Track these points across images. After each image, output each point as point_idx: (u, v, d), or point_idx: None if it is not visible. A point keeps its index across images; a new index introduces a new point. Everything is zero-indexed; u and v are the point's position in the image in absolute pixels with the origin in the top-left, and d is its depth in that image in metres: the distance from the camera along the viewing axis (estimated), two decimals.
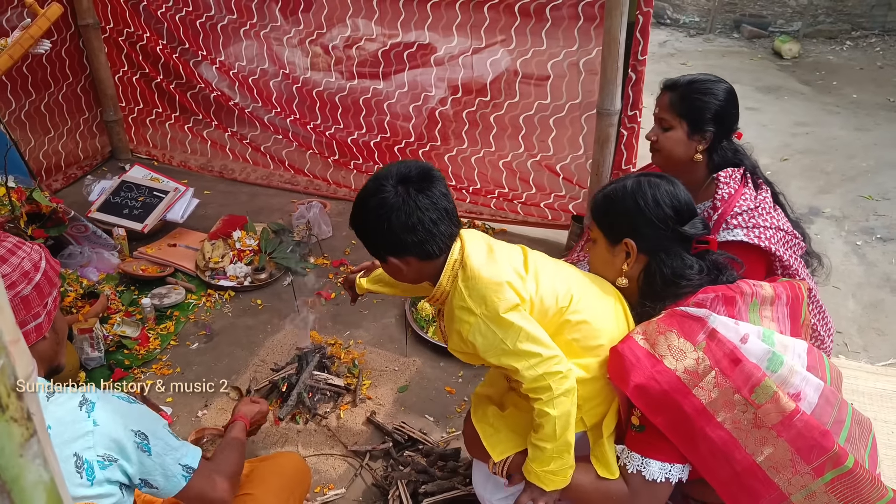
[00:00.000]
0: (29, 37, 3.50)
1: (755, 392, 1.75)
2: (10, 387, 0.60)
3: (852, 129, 6.19)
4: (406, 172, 1.89)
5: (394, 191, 1.86)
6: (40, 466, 0.63)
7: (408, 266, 1.94)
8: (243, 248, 4.06)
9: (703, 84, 2.62)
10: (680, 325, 1.83)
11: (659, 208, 1.97)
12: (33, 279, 1.72)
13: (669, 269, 1.95)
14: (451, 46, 4.17)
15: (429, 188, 1.88)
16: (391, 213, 1.85)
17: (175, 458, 1.78)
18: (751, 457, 1.75)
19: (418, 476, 2.71)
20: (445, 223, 1.90)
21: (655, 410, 1.79)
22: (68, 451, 1.58)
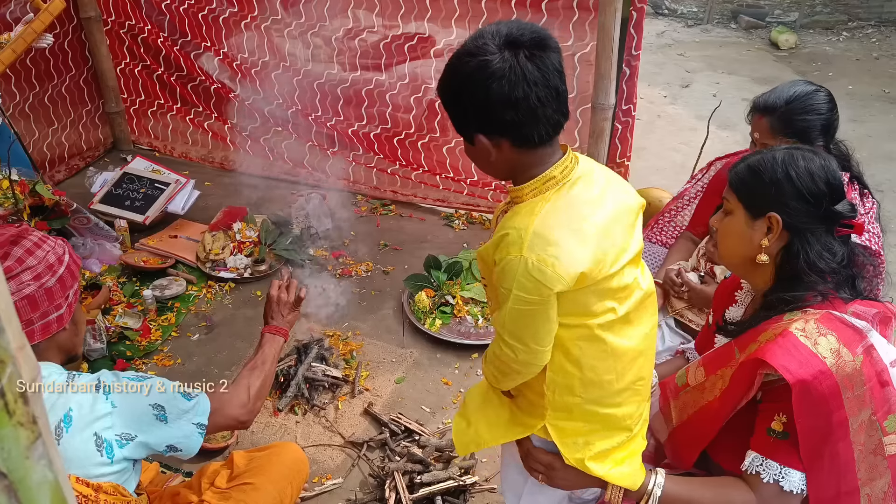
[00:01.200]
0: (32, 31, 3.55)
1: (888, 419, 1.66)
2: (16, 393, 0.64)
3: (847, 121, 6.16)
4: (517, 34, 1.53)
5: (499, 54, 1.51)
6: (45, 467, 0.68)
7: (499, 151, 1.61)
8: (243, 240, 4.10)
9: (803, 102, 2.51)
10: (840, 332, 1.66)
11: (813, 182, 1.75)
12: (57, 272, 1.79)
13: (815, 251, 1.74)
14: (451, 38, 4.21)
15: (542, 58, 1.53)
16: (491, 80, 1.51)
17: (189, 419, 1.87)
18: (858, 482, 1.67)
19: (414, 467, 2.76)
20: (553, 106, 1.56)
21: (805, 413, 1.62)
22: (89, 431, 1.68)
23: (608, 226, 1.63)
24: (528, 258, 1.53)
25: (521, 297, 1.57)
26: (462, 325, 3.61)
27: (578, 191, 1.63)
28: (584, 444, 1.79)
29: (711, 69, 7.60)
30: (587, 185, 1.65)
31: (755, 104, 2.64)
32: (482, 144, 1.61)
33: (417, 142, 4.57)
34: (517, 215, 1.61)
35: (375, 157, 4.76)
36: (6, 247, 1.75)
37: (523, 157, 1.61)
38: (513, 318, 1.61)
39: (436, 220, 4.60)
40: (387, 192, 4.79)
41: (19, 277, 1.72)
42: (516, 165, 1.63)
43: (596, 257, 1.58)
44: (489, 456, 2.90)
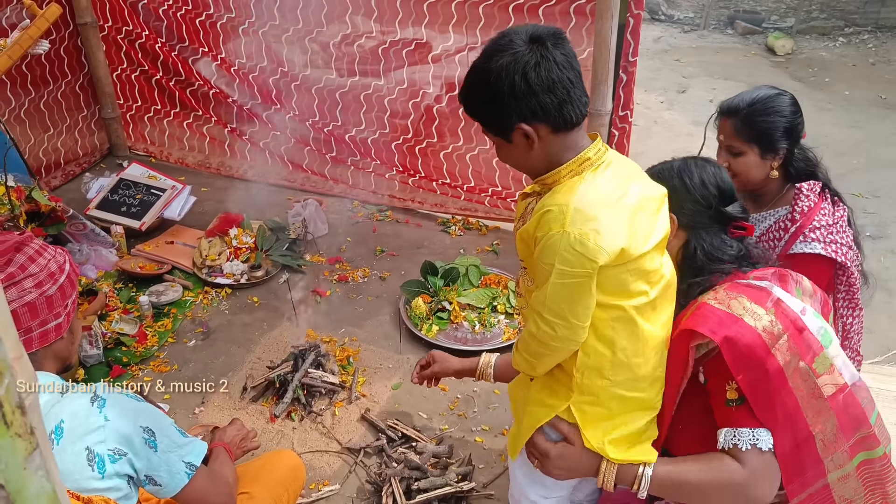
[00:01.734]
0: (28, 37, 3.55)
1: (815, 361, 1.79)
2: (14, 404, 0.64)
3: (844, 126, 6.24)
4: (535, 31, 1.69)
5: (527, 47, 1.66)
6: (42, 478, 0.68)
7: (539, 139, 1.72)
8: (240, 246, 4.10)
9: (764, 103, 2.56)
10: (747, 293, 1.83)
11: (704, 188, 1.99)
12: (58, 280, 1.80)
13: (709, 246, 1.96)
14: (448, 44, 4.21)
15: (563, 46, 1.69)
16: (528, 69, 1.65)
17: (179, 456, 1.82)
18: (809, 427, 1.77)
19: (411, 473, 2.75)
20: (580, 87, 1.71)
21: (740, 367, 1.75)
22: (81, 444, 1.64)
23: (637, 207, 1.75)
24: (571, 232, 1.64)
25: (565, 270, 1.66)
26: (459, 331, 3.61)
27: (611, 173, 1.76)
28: (605, 429, 1.87)
29: (708, 75, 7.62)
30: (617, 169, 1.79)
31: (720, 107, 2.69)
32: (524, 134, 1.72)
33: (415, 147, 4.57)
34: (557, 194, 1.73)
35: (373, 163, 4.76)
36: (10, 253, 1.76)
37: (560, 140, 1.74)
38: (555, 293, 1.70)
39: (433, 225, 4.59)
40: (384, 198, 4.79)
41: (21, 284, 1.73)
42: (553, 152, 1.76)
43: (631, 233, 1.70)
44: (486, 462, 2.90)
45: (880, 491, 1.83)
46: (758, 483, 1.78)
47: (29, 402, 0.67)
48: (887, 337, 3.69)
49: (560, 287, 1.69)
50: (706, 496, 1.84)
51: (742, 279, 1.90)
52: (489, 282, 3.88)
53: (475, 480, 2.79)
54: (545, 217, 1.69)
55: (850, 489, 1.82)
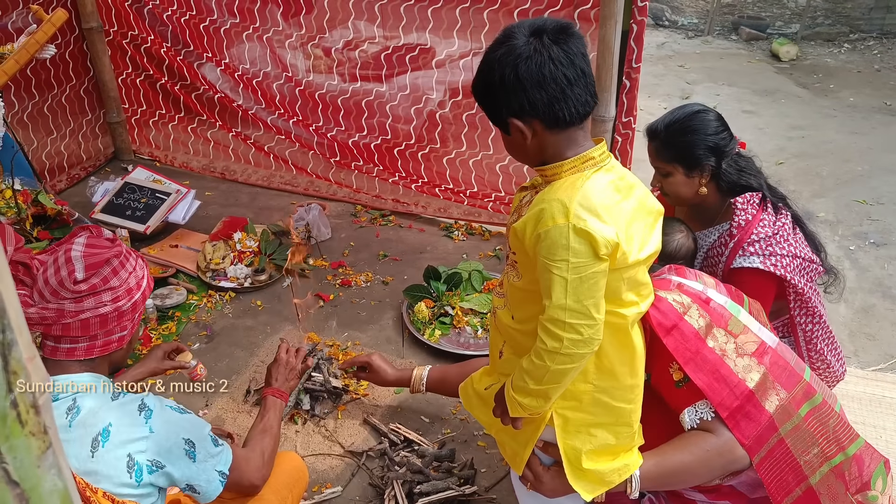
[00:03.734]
0: (35, 42, 3.57)
1: (730, 324, 1.95)
2: (28, 403, 0.66)
3: (848, 133, 6.25)
4: (541, 24, 1.68)
5: (525, 40, 1.65)
6: (55, 476, 0.69)
7: (533, 134, 1.72)
8: (244, 250, 4.12)
9: (682, 123, 2.59)
10: (653, 282, 1.94)
11: None
12: (134, 297, 1.86)
13: None
14: (452, 50, 4.23)
15: (566, 41, 1.66)
16: (519, 62, 1.64)
17: (213, 465, 1.91)
18: (743, 382, 1.86)
19: (413, 476, 2.76)
20: (581, 86, 1.68)
21: (663, 330, 1.89)
22: (123, 451, 1.72)
23: (636, 215, 1.75)
24: (575, 223, 1.61)
25: (578, 263, 1.63)
26: (461, 335, 3.62)
27: (613, 176, 1.74)
28: (587, 436, 1.86)
29: (712, 81, 7.64)
30: (620, 174, 1.77)
31: (645, 131, 2.73)
32: (517, 129, 1.71)
33: (418, 153, 4.59)
34: (558, 189, 1.70)
35: (375, 168, 4.78)
36: (101, 266, 1.80)
37: (556, 137, 1.72)
38: (575, 290, 1.64)
39: (435, 230, 4.61)
40: (387, 203, 4.80)
41: (100, 296, 1.78)
42: (549, 147, 1.74)
43: (628, 236, 1.70)
44: (488, 466, 2.91)
45: (835, 441, 1.90)
46: (734, 445, 1.86)
47: (42, 402, 0.68)
48: (890, 344, 3.70)
49: (579, 282, 1.63)
50: (694, 475, 1.90)
51: None
52: (492, 287, 3.89)
53: (477, 484, 2.80)
54: (545, 211, 1.66)
55: (805, 441, 1.88)
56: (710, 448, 1.85)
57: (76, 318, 1.76)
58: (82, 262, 1.78)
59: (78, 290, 1.75)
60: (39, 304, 1.76)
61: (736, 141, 2.62)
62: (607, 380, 1.82)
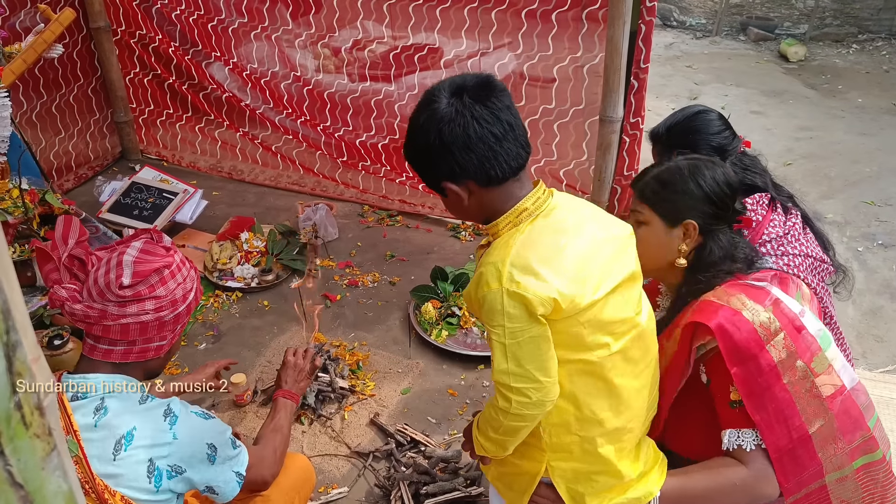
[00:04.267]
0: (42, 41, 3.57)
1: (814, 361, 1.79)
2: (33, 405, 0.65)
3: (856, 134, 6.22)
4: (460, 83, 1.63)
5: (446, 102, 1.60)
6: (60, 478, 0.69)
7: (469, 194, 1.68)
8: (251, 250, 4.12)
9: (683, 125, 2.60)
10: (746, 291, 1.84)
11: (719, 187, 1.95)
12: (178, 308, 1.84)
13: (725, 245, 1.95)
14: (460, 49, 4.22)
15: (488, 98, 1.61)
16: (443, 126, 1.60)
17: (231, 466, 1.92)
18: (805, 426, 1.76)
19: (420, 477, 2.76)
20: (510, 141, 1.63)
21: (733, 359, 1.76)
22: (145, 455, 1.71)
23: (587, 253, 1.66)
24: (507, 287, 1.56)
25: (514, 328, 1.59)
26: (468, 336, 3.61)
27: (553, 220, 1.68)
28: (588, 482, 1.80)
29: (720, 81, 7.61)
30: (563, 214, 1.70)
31: (648, 134, 2.73)
32: (452, 192, 1.68)
33: None
34: (494, 250, 1.66)
35: (383, 168, 4.77)
36: (148, 274, 1.79)
37: (493, 194, 1.68)
38: (515, 355, 1.61)
39: (442, 231, 4.60)
40: (394, 203, 4.80)
41: (143, 304, 1.77)
42: (488, 205, 1.70)
43: (578, 280, 1.61)
44: None
45: (879, 495, 1.84)
46: (763, 482, 1.78)
47: (47, 404, 0.68)
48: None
49: (517, 346, 1.60)
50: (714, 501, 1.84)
51: (742, 279, 1.91)
52: None
53: (483, 485, 2.78)
54: (482, 276, 1.62)
55: (849, 491, 1.82)
56: (739, 482, 1.78)
57: (117, 322, 1.76)
58: (131, 267, 1.77)
59: (122, 295, 1.75)
60: (86, 301, 1.75)
61: (739, 140, 2.60)
62: (592, 428, 1.73)
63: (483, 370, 3.41)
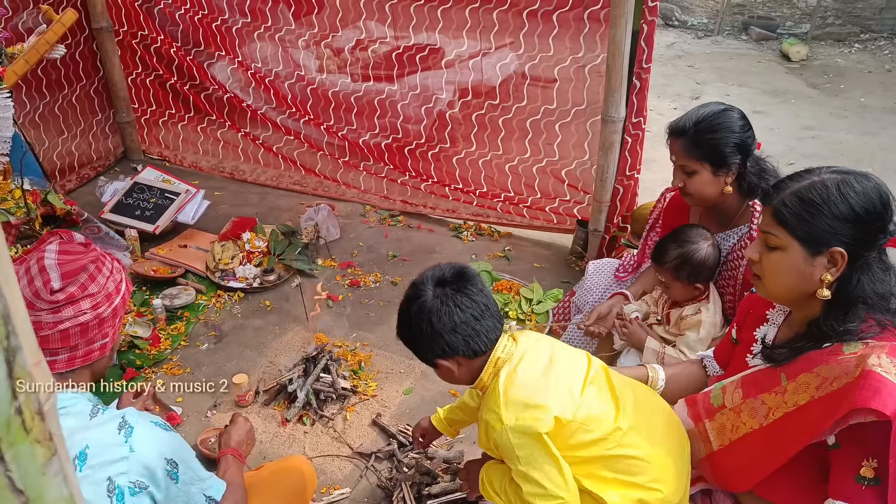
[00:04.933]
0: (45, 42, 3.57)
1: None
2: (34, 410, 0.65)
3: (859, 134, 6.21)
4: (441, 275, 1.92)
5: (432, 294, 1.89)
6: (61, 483, 0.68)
7: (458, 366, 1.94)
8: (252, 250, 4.11)
9: (712, 121, 2.56)
10: None
11: (872, 206, 1.64)
12: (114, 302, 1.78)
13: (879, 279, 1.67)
14: (462, 50, 4.22)
15: (465, 287, 1.90)
16: (431, 315, 1.87)
17: (200, 489, 1.81)
18: None
19: (422, 478, 2.76)
20: (487, 318, 1.90)
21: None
22: (102, 474, 1.60)
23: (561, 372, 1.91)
24: (509, 424, 1.82)
25: (525, 454, 1.82)
26: None
27: (528, 358, 1.92)
28: None
29: (722, 81, 7.60)
30: (534, 354, 1.94)
31: (669, 127, 2.68)
32: (445, 366, 1.94)
33: (427, 152, 4.58)
34: (488, 400, 1.91)
35: (385, 168, 4.77)
36: (77, 273, 1.72)
37: (478, 362, 1.94)
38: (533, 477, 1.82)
39: (444, 231, 4.60)
40: (396, 203, 4.80)
41: (78, 304, 1.70)
42: (476, 370, 1.96)
43: (563, 398, 1.85)
44: None
45: None
46: None
47: (48, 408, 0.67)
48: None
49: (533, 469, 1.82)
50: None
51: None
52: (501, 288, 3.88)
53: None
54: (488, 424, 1.87)
55: None
56: None
57: (55, 330, 1.67)
58: (57, 270, 1.70)
59: (55, 300, 1.67)
60: None
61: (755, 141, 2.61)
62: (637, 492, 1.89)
63: None
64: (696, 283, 2.73)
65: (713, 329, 2.76)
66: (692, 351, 2.76)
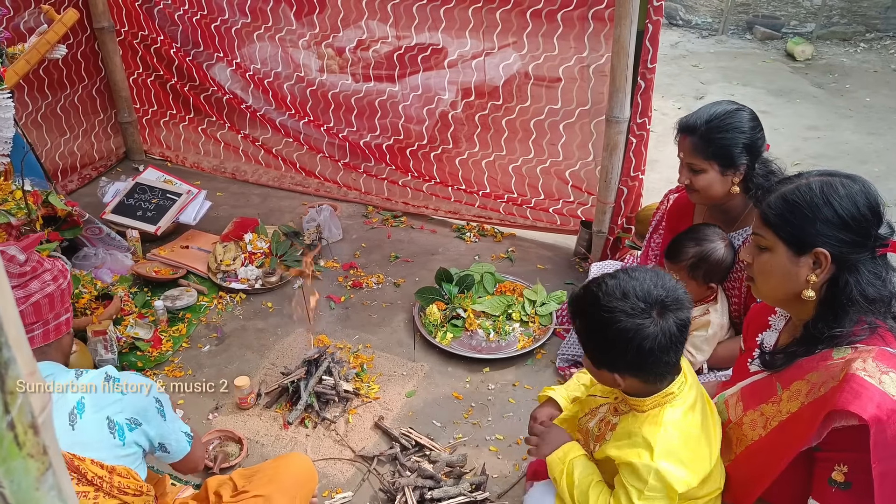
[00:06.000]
0: (46, 42, 3.55)
1: None
2: (27, 424, 0.63)
3: (865, 134, 6.18)
4: (662, 296, 1.78)
5: (651, 318, 1.76)
6: (55, 497, 0.66)
7: (625, 381, 1.87)
8: (254, 251, 4.10)
9: (723, 120, 2.56)
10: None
11: (857, 210, 1.67)
12: (67, 276, 1.98)
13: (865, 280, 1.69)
14: (464, 50, 4.20)
15: (680, 317, 1.79)
16: (645, 341, 1.76)
17: (179, 426, 2.09)
18: None
19: (425, 482, 2.73)
20: (675, 352, 1.82)
21: (881, 455, 1.54)
22: (102, 414, 1.81)
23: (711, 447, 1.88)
24: (657, 466, 1.79)
25: (651, 496, 1.81)
26: (473, 338, 3.59)
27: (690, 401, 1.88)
28: None
29: (726, 80, 7.57)
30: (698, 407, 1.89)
31: (679, 124, 2.69)
32: (609, 378, 1.88)
33: (430, 153, 4.56)
34: (644, 423, 1.87)
35: (387, 169, 4.75)
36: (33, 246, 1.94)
37: (648, 386, 1.88)
38: None
39: (447, 232, 4.58)
40: (398, 204, 4.78)
41: (42, 277, 1.88)
42: (636, 388, 1.89)
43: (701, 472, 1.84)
44: (500, 472, 2.88)
45: None
46: None
47: (42, 420, 0.65)
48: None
49: None
50: None
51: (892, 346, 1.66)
52: (504, 289, 3.86)
53: (489, 490, 2.77)
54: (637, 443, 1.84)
55: None
56: None
57: (27, 304, 1.83)
58: (15, 247, 1.90)
59: (24, 271, 1.85)
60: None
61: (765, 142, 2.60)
62: None
63: (488, 373, 3.38)
64: (710, 283, 2.72)
65: (720, 330, 2.75)
66: (699, 351, 2.75)
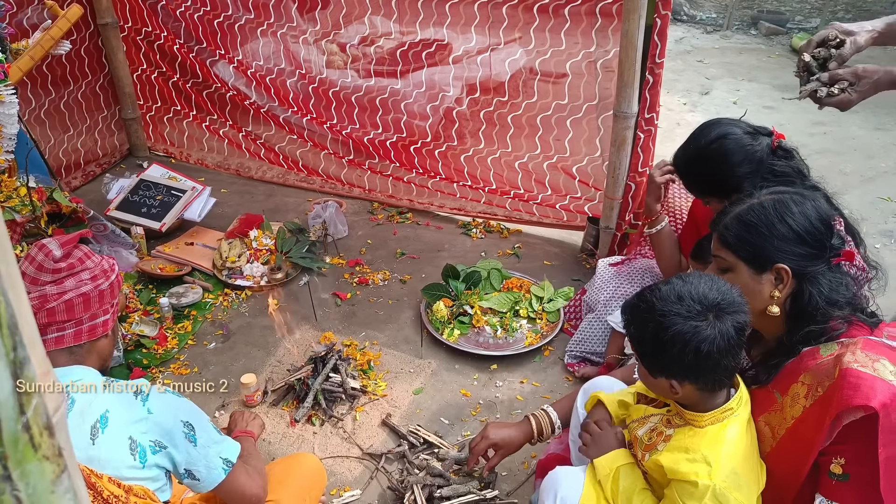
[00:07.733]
0: (49, 38, 3.53)
1: None
2: (42, 425, 0.61)
3: (871, 129, 6.15)
4: (718, 300, 1.71)
5: (708, 322, 1.70)
6: (71, 500, 0.65)
7: (683, 389, 1.80)
8: (260, 248, 4.08)
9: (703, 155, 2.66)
10: (888, 355, 1.64)
11: (811, 225, 1.78)
12: (110, 277, 1.92)
13: (827, 289, 1.76)
14: (469, 45, 4.17)
15: (738, 319, 1.72)
16: (702, 343, 1.69)
17: (217, 451, 1.90)
18: None
19: (434, 480, 2.72)
20: (734, 356, 1.74)
21: (888, 440, 1.56)
22: (125, 432, 1.72)
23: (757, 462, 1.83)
24: (717, 485, 1.72)
25: None
26: (481, 335, 3.57)
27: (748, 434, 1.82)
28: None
29: (731, 76, 7.54)
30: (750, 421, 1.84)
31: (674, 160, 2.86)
32: (665, 385, 1.81)
33: (434, 150, 4.54)
34: (703, 440, 1.80)
35: (392, 166, 4.73)
36: (73, 242, 1.90)
37: (705, 396, 1.81)
38: None
39: (453, 228, 4.56)
40: (403, 201, 4.75)
41: (79, 275, 1.84)
42: (693, 398, 1.83)
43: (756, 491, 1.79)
44: (509, 469, 2.86)
45: None
46: None
47: (57, 421, 0.64)
48: None
49: None
50: None
51: (876, 336, 1.71)
52: (511, 286, 3.84)
53: (498, 488, 2.75)
54: (695, 459, 1.77)
55: None
56: None
57: (59, 301, 1.80)
58: (56, 242, 1.87)
59: (59, 268, 1.82)
60: None
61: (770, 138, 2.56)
62: None
63: (496, 370, 3.36)
64: None
65: None
66: None
